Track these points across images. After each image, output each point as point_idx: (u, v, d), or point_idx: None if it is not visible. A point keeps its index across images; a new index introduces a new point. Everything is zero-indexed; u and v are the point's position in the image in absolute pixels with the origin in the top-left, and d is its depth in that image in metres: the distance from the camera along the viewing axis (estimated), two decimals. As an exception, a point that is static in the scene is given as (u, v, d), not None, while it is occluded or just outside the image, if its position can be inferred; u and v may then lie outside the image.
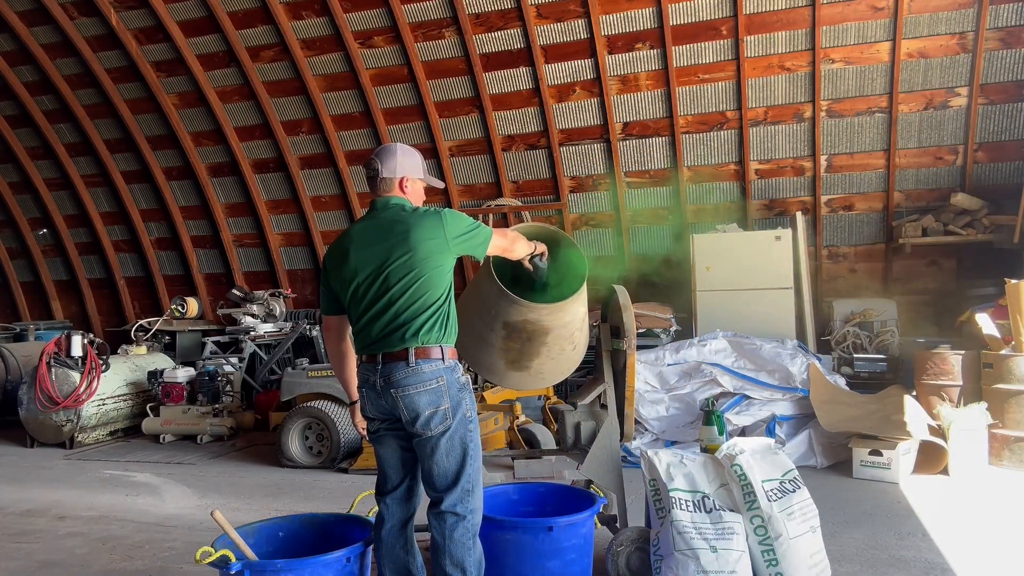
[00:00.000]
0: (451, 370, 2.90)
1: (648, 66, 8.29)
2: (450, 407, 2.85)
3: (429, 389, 2.83)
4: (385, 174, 3.04)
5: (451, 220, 2.94)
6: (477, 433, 2.94)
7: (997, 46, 7.35)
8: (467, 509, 2.87)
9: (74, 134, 10.53)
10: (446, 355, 2.89)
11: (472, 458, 2.89)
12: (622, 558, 3.52)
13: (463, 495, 2.86)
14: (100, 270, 11.30)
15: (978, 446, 5.46)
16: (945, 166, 7.88)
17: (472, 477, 2.89)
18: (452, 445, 2.85)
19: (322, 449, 6.34)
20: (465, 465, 2.87)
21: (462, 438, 2.87)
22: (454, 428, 2.85)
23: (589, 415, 4.12)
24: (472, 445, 2.90)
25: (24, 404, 7.39)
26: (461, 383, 2.92)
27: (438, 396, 2.84)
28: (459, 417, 2.87)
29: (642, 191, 8.88)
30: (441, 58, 8.77)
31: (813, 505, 3.41)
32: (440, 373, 2.85)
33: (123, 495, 5.61)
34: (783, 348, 6.80)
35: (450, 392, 2.86)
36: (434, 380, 2.84)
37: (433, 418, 2.83)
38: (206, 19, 9.05)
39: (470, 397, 2.95)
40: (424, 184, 3.18)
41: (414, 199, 3.10)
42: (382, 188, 3.05)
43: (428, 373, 2.84)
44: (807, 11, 7.62)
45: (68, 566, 4.15)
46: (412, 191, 3.09)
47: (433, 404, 2.84)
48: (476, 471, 2.91)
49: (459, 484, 2.85)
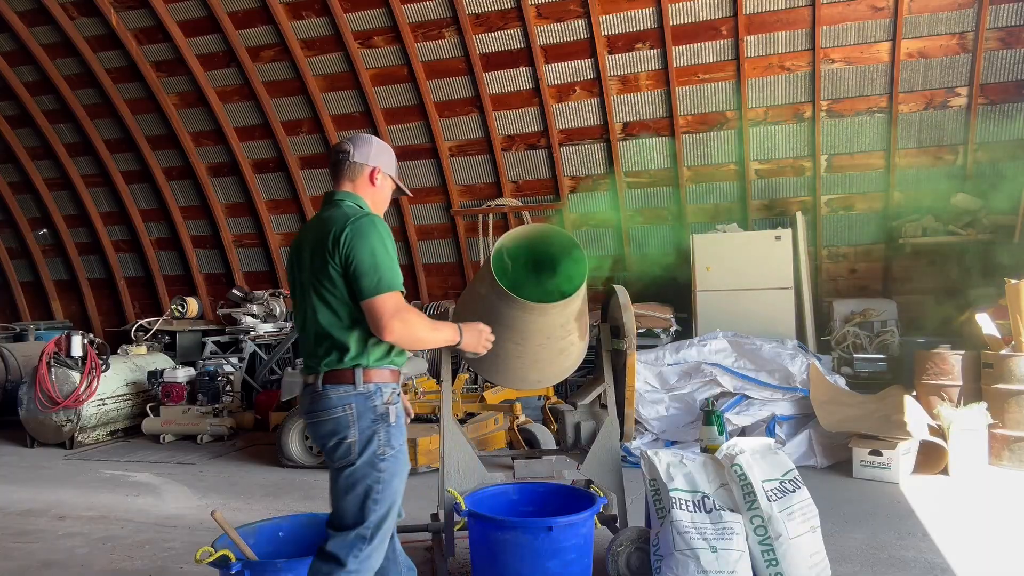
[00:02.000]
0: (365, 397, 2.49)
1: (648, 66, 8.29)
2: (356, 440, 2.46)
3: (333, 418, 2.48)
4: (357, 159, 2.69)
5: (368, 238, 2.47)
6: (395, 474, 2.50)
7: (997, 46, 7.35)
8: (354, 559, 2.43)
9: (74, 134, 10.53)
10: (360, 379, 2.49)
11: (377, 503, 2.46)
12: (622, 558, 3.52)
13: (356, 542, 2.44)
14: (100, 270, 11.30)
15: (978, 446, 5.46)
16: (945, 166, 7.88)
17: (373, 525, 2.45)
18: (352, 483, 2.46)
19: (322, 449, 6.33)
20: (366, 510, 2.45)
21: (366, 477, 2.45)
22: (359, 465, 2.45)
23: (589, 415, 4.12)
24: (380, 488, 2.46)
25: (24, 404, 7.39)
26: (378, 413, 2.49)
27: (342, 426, 2.47)
28: (368, 454, 2.46)
29: (642, 191, 8.88)
30: (441, 58, 8.77)
31: (813, 505, 3.41)
32: (348, 400, 2.48)
33: (123, 495, 5.61)
34: (783, 348, 6.80)
35: (359, 423, 2.46)
36: (340, 408, 2.48)
37: (336, 450, 2.48)
38: (206, 19, 9.05)
39: (390, 431, 2.51)
40: (394, 186, 2.84)
41: (379, 199, 2.76)
42: (347, 176, 2.70)
43: (334, 399, 2.48)
44: (807, 11, 7.62)
45: (68, 566, 4.15)
46: (381, 188, 2.76)
47: (335, 435, 2.48)
48: (382, 519, 2.47)
49: (353, 530, 2.44)
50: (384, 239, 2.51)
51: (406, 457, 2.57)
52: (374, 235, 2.49)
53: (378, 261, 2.45)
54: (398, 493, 2.53)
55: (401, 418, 2.58)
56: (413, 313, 2.51)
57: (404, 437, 2.57)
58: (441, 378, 3.95)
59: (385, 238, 2.52)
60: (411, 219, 9.66)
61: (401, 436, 2.55)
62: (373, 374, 2.51)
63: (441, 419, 3.86)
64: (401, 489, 2.55)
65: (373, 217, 2.56)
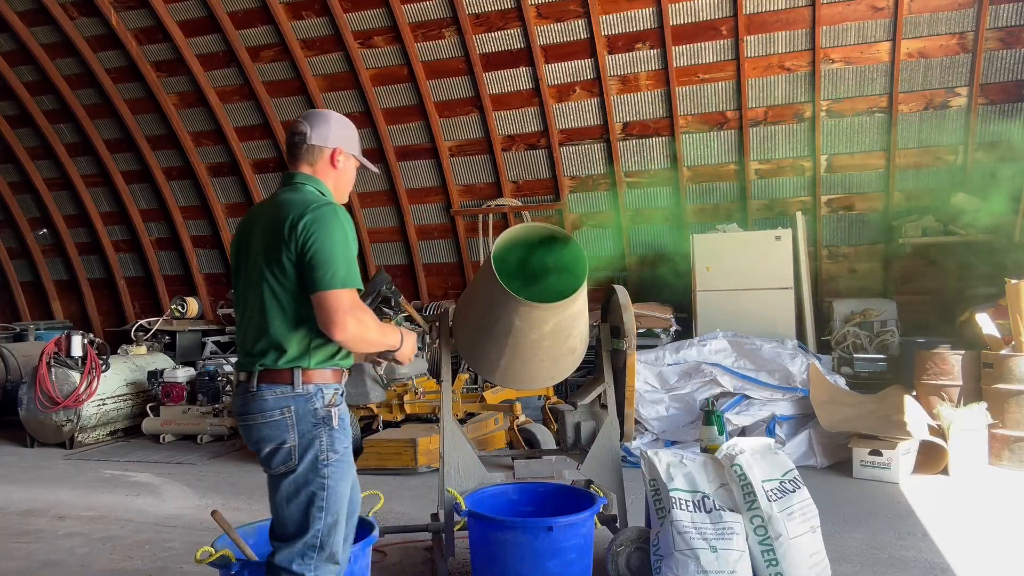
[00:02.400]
0: (305, 399, 2.34)
1: (648, 66, 8.29)
2: (296, 445, 2.33)
3: (270, 421, 2.34)
4: (315, 140, 2.50)
5: (324, 229, 2.31)
6: (340, 479, 2.39)
7: (997, 46, 7.35)
8: (307, 569, 2.34)
9: (74, 134, 10.53)
10: (299, 380, 2.34)
11: (323, 510, 2.34)
12: (622, 558, 3.52)
13: (304, 551, 2.34)
14: (100, 270, 11.30)
15: (978, 446, 5.46)
16: (945, 166, 7.88)
17: (322, 532, 2.35)
18: (294, 491, 2.35)
19: (322, 449, 6.32)
20: (310, 517, 2.34)
21: (309, 484, 2.34)
22: (301, 472, 2.34)
23: (589, 415, 4.12)
24: (326, 495, 2.35)
25: (24, 404, 7.39)
26: (319, 416, 2.35)
27: (281, 430, 2.34)
28: (309, 459, 2.33)
29: (642, 191, 8.88)
30: (441, 58, 8.77)
31: (813, 505, 3.41)
32: (287, 402, 2.33)
33: (123, 495, 5.61)
34: (783, 348, 6.80)
35: (299, 427, 2.33)
36: (278, 410, 2.34)
37: (275, 456, 2.36)
38: (206, 19, 9.04)
39: (332, 435, 2.37)
40: (358, 164, 2.66)
41: (342, 182, 2.59)
42: (305, 159, 2.50)
43: (270, 401, 2.34)
44: (807, 11, 7.62)
45: (68, 566, 4.15)
46: (344, 170, 2.58)
47: (274, 439, 2.34)
48: (330, 526, 2.37)
49: (301, 538, 2.34)
50: (347, 232, 2.36)
51: (351, 460, 2.46)
52: (336, 226, 2.33)
53: (338, 254, 2.29)
54: (345, 498, 2.41)
55: (345, 420, 2.44)
56: (368, 314, 2.37)
57: (349, 440, 2.44)
58: (441, 378, 3.95)
59: (348, 231, 2.36)
60: (411, 219, 9.67)
61: (345, 439, 2.42)
62: (314, 375, 2.36)
63: (441, 419, 3.85)
64: (347, 494, 2.42)
65: (336, 207, 2.39)
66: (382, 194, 9.69)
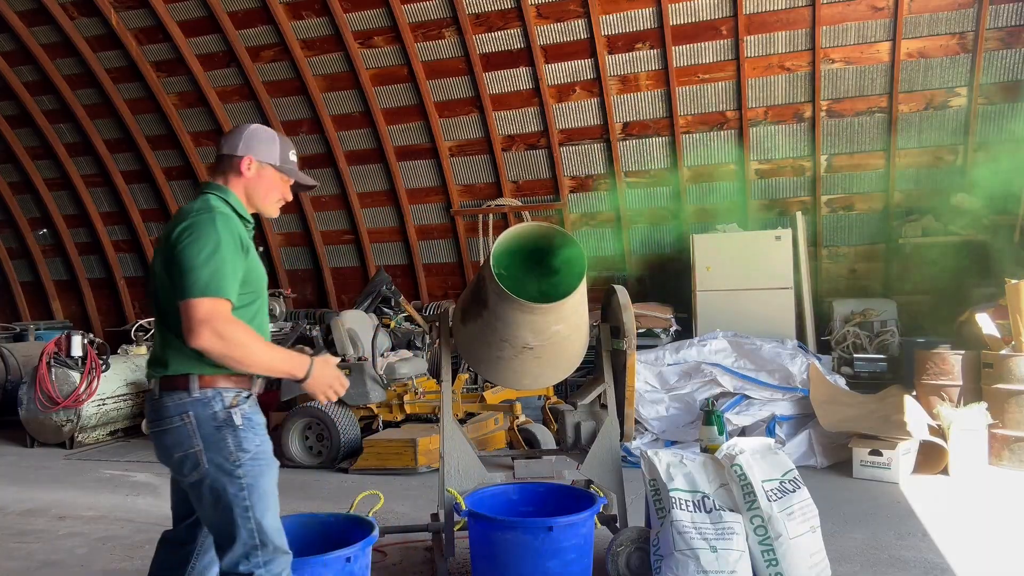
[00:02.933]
0: (203, 404, 2.32)
1: (648, 66, 8.29)
2: (202, 450, 2.31)
3: (173, 428, 2.33)
4: (225, 150, 2.49)
5: (189, 236, 2.28)
6: (259, 476, 2.35)
7: (997, 46, 7.35)
8: (256, 567, 2.32)
9: (74, 134, 10.53)
10: (195, 385, 2.31)
11: (250, 509, 2.32)
12: (622, 558, 3.52)
13: (248, 552, 2.32)
14: (100, 270, 11.30)
15: (978, 446, 5.46)
16: (945, 166, 7.88)
17: (258, 530, 2.33)
18: (214, 497, 2.33)
19: (322, 449, 6.34)
20: (237, 518, 2.31)
21: (227, 487, 2.31)
22: (214, 476, 2.31)
23: (589, 415, 4.12)
24: (246, 494, 2.32)
25: (24, 404, 7.39)
26: (220, 419, 2.32)
27: (185, 436, 2.32)
28: (218, 462, 2.31)
29: (642, 191, 8.88)
30: (441, 58, 8.77)
31: (813, 505, 3.41)
32: (185, 408, 2.32)
33: (123, 495, 5.61)
34: (783, 348, 6.80)
35: (200, 432, 2.31)
36: (177, 417, 2.32)
37: (184, 464, 2.34)
38: (206, 19, 9.05)
39: (239, 435, 2.33)
40: (283, 178, 2.55)
41: (257, 191, 2.51)
42: (218, 169, 2.51)
43: (171, 408, 2.33)
44: (807, 11, 7.62)
45: (68, 566, 4.15)
46: (258, 178, 2.50)
47: (180, 447, 2.33)
48: (264, 523, 2.34)
49: (237, 539, 2.32)
50: (222, 240, 2.28)
51: (268, 455, 2.40)
52: (208, 233, 2.28)
53: (202, 261, 2.24)
54: (272, 493, 2.39)
55: (254, 418, 2.40)
56: (240, 330, 2.26)
57: (260, 438, 2.39)
58: (441, 378, 3.95)
59: (224, 239, 2.28)
60: (411, 219, 9.67)
61: (256, 437, 2.38)
62: (211, 380, 2.33)
63: (441, 419, 3.85)
64: (273, 489, 2.40)
65: (216, 215, 2.34)
66: (382, 194, 9.69)
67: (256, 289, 2.45)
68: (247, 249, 2.39)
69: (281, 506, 2.47)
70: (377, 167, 9.54)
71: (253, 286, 2.43)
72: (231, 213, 2.43)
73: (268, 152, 2.51)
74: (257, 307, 2.47)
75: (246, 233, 2.45)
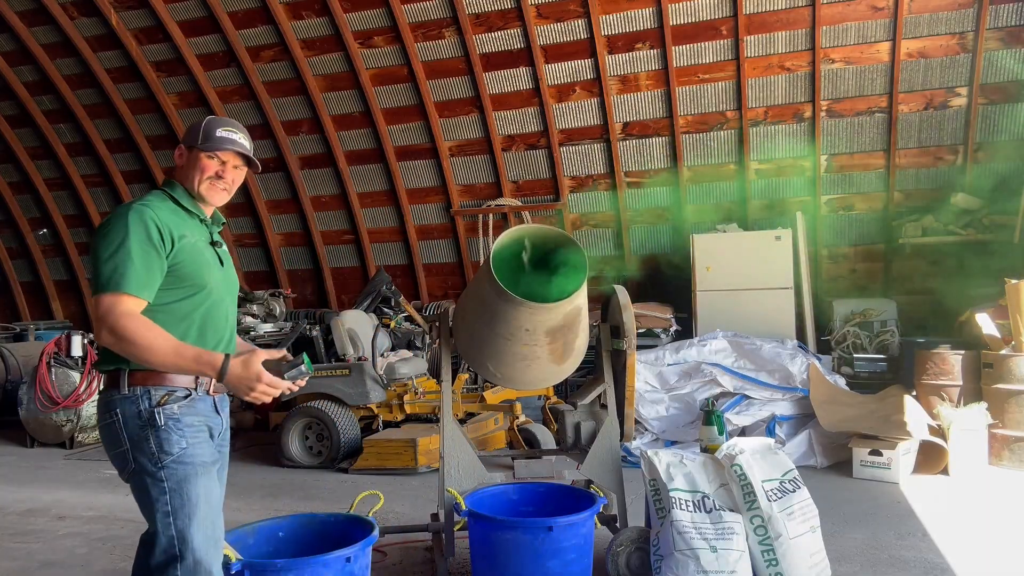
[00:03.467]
0: (129, 401, 2.27)
1: (648, 66, 8.29)
2: (128, 448, 2.27)
3: (106, 424, 2.31)
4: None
5: (101, 232, 2.26)
6: (183, 481, 2.26)
7: (997, 46, 7.35)
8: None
9: (74, 134, 10.53)
10: (124, 383, 2.27)
11: (171, 515, 2.24)
12: (622, 558, 3.52)
13: (168, 561, 2.24)
14: (100, 270, 11.29)
15: (978, 446, 5.46)
16: (945, 166, 7.88)
17: (179, 539, 2.24)
18: (140, 496, 2.29)
19: (322, 449, 6.34)
20: (156, 522, 2.25)
21: (149, 488, 2.25)
22: (138, 475, 2.27)
23: (589, 415, 4.12)
24: (168, 498, 2.24)
25: (24, 404, 7.39)
26: (145, 418, 2.25)
27: (114, 434, 2.29)
28: (141, 462, 2.25)
29: (642, 191, 8.88)
30: (441, 58, 8.77)
31: (813, 505, 3.41)
32: (116, 406, 2.28)
33: (123, 495, 5.60)
34: (783, 348, 6.80)
35: (127, 430, 2.27)
36: (110, 414, 2.29)
37: (116, 460, 2.32)
38: (206, 19, 9.05)
39: (160, 436, 2.26)
40: (209, 155, 2.43)
41: (184, 176, 2.45)
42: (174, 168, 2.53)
43: (105, 405, 2.31)
44: (807, 11, 7.62)
45: (68, 566, 4.15)
46: (186, 164, 2.45)
47: (112, 444, 2.31)
48: (185, 534, 2.24)
49: (157, 545, 2.25)
50: (130, 234, 2.22)
51: (197, 460, 2.30)
52: (118, 228, 2.24)
53: (106, 257, 2.20)
54: (199, 502, 2.27)
55: (183, 419, 2.30)
56: (134, 324, 2.17)
57: (188, 440, 2.29)
58: (441, 378, 3.95)
59: (133, 233, 2.22)
60: (411, 219, 9.67)
61: (181, 440, 2.28)
62: (140, 377, 2.27)
63: (441, 419, 3.85)
64: (200, 496, 2.28)
65: (131, 207, 2.30)
66: (382, 194, 9.69)
67: (196, 283, 2.34)
68: (173, 241, 2.29)
69: (281, 506, 2.46)
70: (377, 167, 9.54)
71: (190, 280, 2.33)
72: (168, 207, 2.37)
73: (193, 136, 2.44)
74: (200, 301, 2.35)
75: (186, 227, 2.37)
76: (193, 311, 2.35)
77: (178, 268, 2.30)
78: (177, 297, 2.31)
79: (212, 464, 2.37)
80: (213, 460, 2.38)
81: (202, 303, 2.37)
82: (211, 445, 2.38)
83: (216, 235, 2.52)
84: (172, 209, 2.38)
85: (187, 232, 2.35)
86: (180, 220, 2.37)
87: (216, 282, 2.41)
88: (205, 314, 2.38)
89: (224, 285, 2.46)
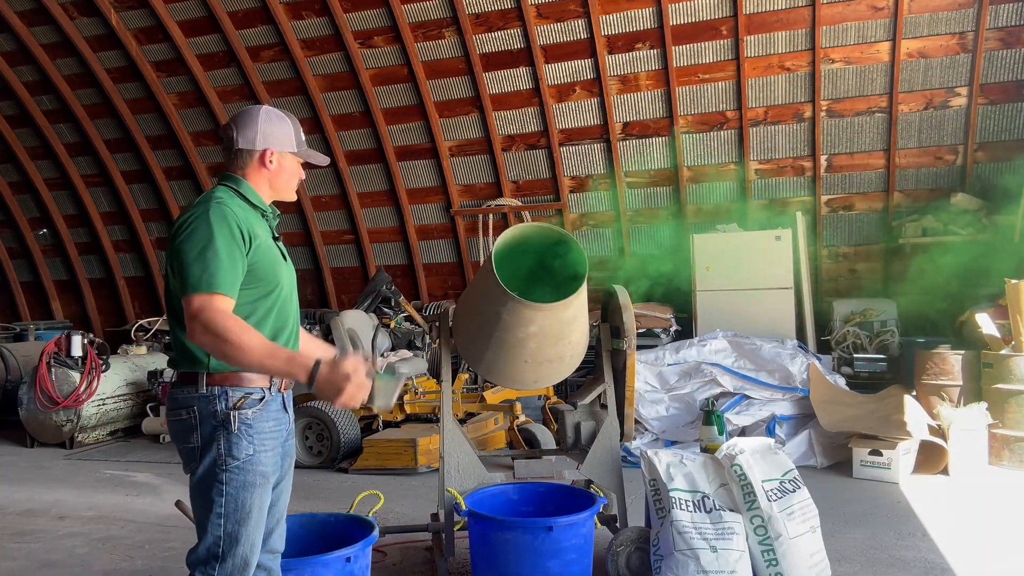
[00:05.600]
0: (207, 400, 2.28)
1: (648, 66, 8.29)
2: (199, 447, 2.29)
3: (179, 420, 2.32)
4: (242, 144, 2.41)
5: (185, 231, 2.26)
6: (242, 488, 2.27)
7: (997, 46, 7.35)
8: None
9: (74, 134, 10.53)
10: (203, 382, 2.29)
11: (222, 517, 2.26)
12: (622, 558, 3.52)
13: (207, 559, 2.28)
14: (100, 270, 11.30)
15: (978, 446, 5.46)
16: (945, 166, 7.88)
17: (224, 543, 2.26)
18: (198, 493, 2.31)
19: (322, 449, 6.34)
20: (209, 522, 2.27)
21: (209, 488, 2.27)
22: (200, 474, 2.29)
23: (589, 415, 4.12)
24: (223, 501, 2.25)
25: (24, 404, 7.39)
26: (219, 419, 2.27)
27: (186, 430, 2.30)
28: (207, 462, 2.27)
29: (642, 191, 8.88)
30: (441, 58, 8.77)
31: (813, 505, 3.41)
32: (191, 403, 2.29)
33: (123, 495, 5.61)
34: (783, 348, 6.80)
35: (201, 428, 2.28)
36: (184, 410, 2.31)
37: (184, 455, 2.35)
38: (206, 19, 9.05)
39: (231, 440, 2.27)
40: (300, 160, 2.52)
41: (279, 182, 2.48)
42: (235, 163, 2.43)
43: (180, 401, 2.32)
44: (807, 11, 7.62)
45: (68, 566, 4.15)
46: (279, 169, 2.46)
47: (181, 439, 2.33)
48: (233, 536, 2.27)
49: (203, 542, 2.29)
50: (216, 233, 2.22)
51: (259, 471, 2.30)
52: (203, 228, 2.23)
53: (195, 257, 2.20)
54: (252, 510, 2.28)
55: (256, 425, 2.31)
56: (229, 324, 2.15)
57: (256, 447, 2.30)
58: (441, 378, 3.95)
59: (218, 232, 2.22)
60: (411, 219, 9.67)
61: (250, 446, 2.28)
62: (218, 377, 2.29)
63: (441, 419, 3.86)
64: (255, 505, 2.29)
65: (213, 207, 2.27)
66: (382, 194, 9.69)
67: (268, 281, 2.35)
68: (252, 240, 2.29)
69: (281, 506, 2.46)
70: (377, 167, 9.54)
71: (264, 278, 2.33)
72: (238, 204, 2.36)
73: (286, 140, 2.46)
74: (273, 301, 2.36)
75: (257, 224, 2.37)
76: (268, 309, 2.36)
77: (255, 267, 2.31)
78: (254, 297, 2.32)
79: (273, 475, 2.38)
80: (275, 471, 2.39)
81: (276, 300, 2.39)
82: (276, 454, 2.39)
83: (275, 230, 2.53)
84: (243, 207, 2.37)
85: (259, 231, 2.36)
86: (252, 218, 2.37)
87: (286, 279, 2.44)
88: (278, 311, 2.40)
89: (290, 280, 2.49)
